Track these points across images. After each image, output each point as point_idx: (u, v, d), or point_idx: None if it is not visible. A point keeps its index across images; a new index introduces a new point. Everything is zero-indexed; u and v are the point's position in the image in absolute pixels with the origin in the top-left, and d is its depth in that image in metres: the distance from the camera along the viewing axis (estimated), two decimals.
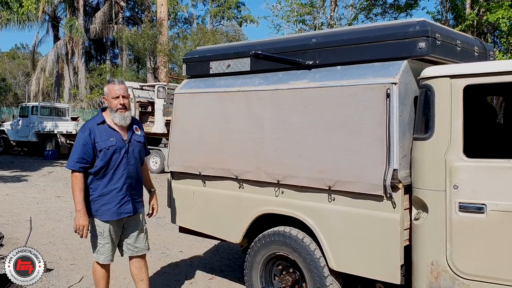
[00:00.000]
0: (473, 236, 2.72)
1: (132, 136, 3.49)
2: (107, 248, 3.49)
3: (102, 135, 3.37)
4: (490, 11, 12.55)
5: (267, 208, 3.56)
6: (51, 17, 32.46)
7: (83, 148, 3.33)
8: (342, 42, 3.27)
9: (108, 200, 3.41)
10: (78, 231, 3.35)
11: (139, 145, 3.54)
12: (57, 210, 8.30)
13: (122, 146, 3.41)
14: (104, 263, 3.54)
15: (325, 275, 3.26)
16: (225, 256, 5.56)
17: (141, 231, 3.62)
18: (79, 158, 3.33)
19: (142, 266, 3.67)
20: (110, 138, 3.37)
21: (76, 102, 29.83)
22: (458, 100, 2.81)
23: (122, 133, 3.44)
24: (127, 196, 3.46)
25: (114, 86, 3.40)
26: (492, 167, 2.70)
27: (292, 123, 3.40)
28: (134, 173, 3.50)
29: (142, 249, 3.64)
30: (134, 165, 3.49)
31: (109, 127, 3.41)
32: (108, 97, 3.40)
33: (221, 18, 38.80)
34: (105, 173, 3.39)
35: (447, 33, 3.13)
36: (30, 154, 20.27)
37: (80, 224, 3.33)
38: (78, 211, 3.33)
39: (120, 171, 3.42)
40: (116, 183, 3.41)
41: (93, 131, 3.36)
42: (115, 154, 3.38)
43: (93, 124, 3.40)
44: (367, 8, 18.99)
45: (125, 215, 3.47)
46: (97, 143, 3.34)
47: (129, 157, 3.45)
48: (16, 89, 43.73)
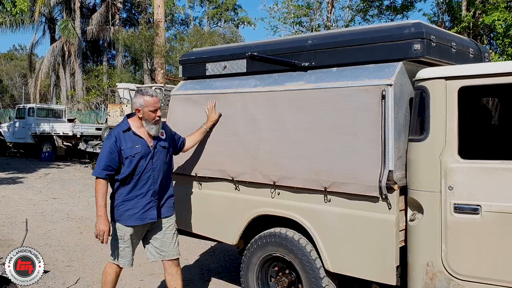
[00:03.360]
0: (468, 237, 2.73)
1: (157, 143, 3.47)
2: (126, 252, 3.49)
3: (128, 142, 3.37)
4: (486, 13, 12.61)
5: (263, 209, 3.56)
6: (47, 19, 32.41)
7: (109, 156, 3.33)
8: (338, 44, 3.28)
9: (132, 205, 3.40)
10: (98, 236, 3.34)
11: (165, 151, 3.52)
12: (53, 212, 8.28)
13: (147, 153, 3.40)
14: (124, 267, 3.54)
15: (321, 276, 3.26)
16: (222, 257, 5.56)
17: (167, 235, 3.57)
18: (105, 166, 3.33)
19: (174, 273, 3.60)
20: (135, 145, 3.37)
21: (73, 104, 29.79)
22: (453, 102, 2.82)
23: (148, 139, 3.44)
24: (151, 202, 3.44)
25: (151, 99, 3.37)
26: (487, 168, 2.71)
27: (288, 125, 3.40)
28: (160, 178, 3.48)
29: (170, 254, 3.57)
30: (159, 170, 3.47)
31: (134, 134, 3.41)
32: (144, 109, 3.37)
33: (218, 20, 38.82)
34: (131, 179, 3.39)
35: (442, 35, 3.14)
36: (27, 155, 20.22)
37: (101, 229, 3.32)
38: (99, 216, 3.33)
39: (145, 177, 3.40)
40: (140, 189, 3.41)
41: (118, 138, 3.37)
42: (140, 161, 3.37)
43: (119, 131, 3.41)
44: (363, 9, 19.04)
45: (148, 221, 3.45)
46: (123, 151, 3.34)
47: (155, 163, 3.43)
48: (13, 91, 43.65)
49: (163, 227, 3.56)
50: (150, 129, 3.40)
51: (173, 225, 3.63)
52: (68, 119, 20.65)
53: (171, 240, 3.59)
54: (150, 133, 3.41)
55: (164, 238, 3.56)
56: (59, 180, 12.61)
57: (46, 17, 32.24)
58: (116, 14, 32.62)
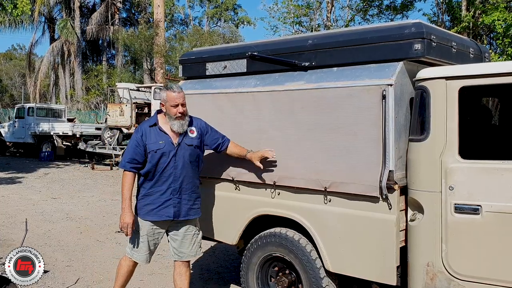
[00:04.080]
0: (468, 237, 2.73)
1: (183, 140, 3.45)
2: (141, 246, 3.49)
3: (152, 137, 3.40)
4: (486, 13, 12.62)
5: (263, 209, 3.56)
6: (47, 18, 32.39)
7: (135, 149, 3.38)
8: (338, 44, 3.27)
9: (151, 201, 3.42)
10: (123, 229, 3.36)
11: (190, 149, 3.47)
12: (53, 211, 8.28)
13: (170, 150, 3.40)
14: (137, 261, 3.55)
15: (321, 276, 3.26)
16: (222, 257, 5.56)
17: (186, 237, 3.55)
18: (130, 159, 3.38)
19: (183, 273, 3.60)
20: (159, 141, 3.38)
21: (72, 103, 29.79)
22: (454, 102, 2.82)
23: (173, 136, 3.43)
24: (170, 200, 3.43)
25: (173, 93, 3.37)
26: (488, 168, 2.71)
27: (288, 124, 3.40)
28: (182, 177, 3.45)
29: (188, 255, 3.57)
30: (182, 168, 3.44)
31: (160, 130, 3.42)
32: (167, 104, 3.39)
33: (218, 19, 38.82)
34: (153, 175, 3.41)
35: (442, 34, 3.14)
36: (26, 155, 20.21)
37: (125, 221, 3.35)
38: (124, 209, 3.35)
39: (166, 174, 3.40)
40: (161, 185, 3.42)
41: (145, 133, 3.40)
42: (162, 157, 3.38)
43: (146, 126, 3.44)
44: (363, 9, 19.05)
45: (165, 218, 3.43)
46: (147, 145, 3.37)
47: (178, 160, 3.42)
48: (12, 90, 43.63)
49: (184, 228, 3.54)
50: (172, 125, 3.41)
51: (194, 226, 3.59)
52: (68, 119, 20.65)
53: (190, 242, 3.56)
54: (173, 129, 3.41)
55: (184, 239, 3.55)
56: (58, 180, 12.61)
57: (45, 16, 32.23)
58: (116, 14, 32.61)
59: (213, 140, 3.60)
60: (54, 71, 32.43)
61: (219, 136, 3.62)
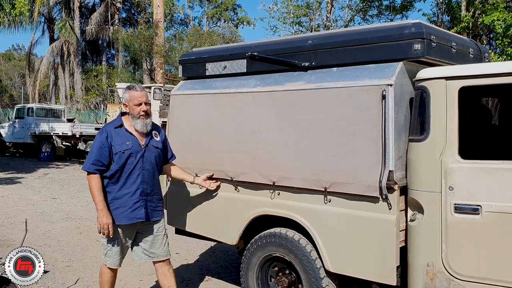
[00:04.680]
0: (468, 237, 2.73)
1: (150, 142, 3.46)
2: (114, 252, 3.48)
3: (119, 138, 3.36)
4: (486, 13, 12.63)
5: (263, 209, 3.56)
6: (46, 19, 32.37)
7: (99, 151, 3.33)
8: (338, 44, 3.27)
9: (121, 204, 3.39)
10: (102, 230, 3.33)
11: (156, 151, 3.50)
12: (53, 212, 8.27)
13: (138, 151, 3.39)
14: (111, 267, 3.53)
15: (321, 277, 3.26)
16: (221, 257, 5.56)
17: (157, 237, 3.56)
18: (95, 160, 3.33)
19: (166, 272, 3.61)
20: (126, 142, 3.36)
21: (72, 104, 29.77)
22: (454, 102, 2.82)
23: (140, 137, 3.42)
24: (140, 201, 3.42)
25: (136, 93, 3.38)
26: (487, 168, 2.71)
27: (288, 125, 3.39)
28: (150, 179, 3.46)
29: (159, 255, 3.57)
30: (149, 170, 3.45)
31: (126, 131, 3.40)
32: (130, 104, 3.38)
33: (218, 20, 38.81)
34: (120, 177, 3.38)
35: (442, 35, 3.14)
36: (26, 155, 20.19)
37: (104, 222, 3.31)
38: (100, 211, 3.31)
39: (135, 176, 3.39)
40: (129, 187, 3.40)
41: (110, 134, 3.36)
42: (130, 158, 3.36)
43: (111, 128, 3.41)
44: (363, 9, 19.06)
45: (136, 220, 3.42)
46: (113, 146, 3.34)
47: (145, 162, 3.42)
48: (12, 91, 43.63)
49: (154, 230, 3.55)
50: (136, 124, 3.38)
51: (163, 227, 3.62)
52: (67, 119, 20.63)
53: (161, 242, 3.58)
54: (136, 128, 3.39)
55: (155, 240, 3.56)
56: (58, 180, 12.60)
57: (45, 17, 32.20)
58: (116, 14, 32.61)
59: (167, 151, 3.70)
60: (53, 71, 32.42)
61: (170, 151, 3.75)
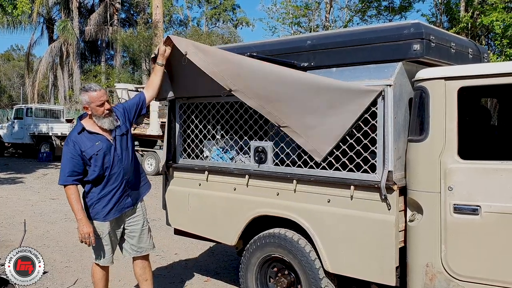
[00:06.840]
0: (467, 237, 2.73)
1: (115, 133, 3.45)
2: (106, 249, 3.49)
3: (87, 142, 3.33)
4: (484, 14, 12.65)
5: (262, 210, 3.55)
6: (45, 19, 32.34)
7: (71, 162, 3.31)
8: (337, 44, 3.27)
9: (108, 201, 3.41)
10: (84, 239, 3.33)
11: (124, 137, 3.50)
12: (52, 212, 8.26)
13: (109, 146, 3.39)
14: (104, 265, 3.54)
15: (320, 277, 3.26)
16: (221, 258, 5.55)
17: (143, 230, 3.63)
18: (70, 172, 3.31)
19: (146, 266, 3.71)
20: (95, 143, 3.34)
21: (71, 104, 29.74)
22: (453, 102, 2.82)
23: (106, 134, 3.41)
24: (126, 191, 3.48)
25: (95, 93, 3.33)
26: (487, 168, 2.71)
27: None
28: (129, 166, 3.49)
29: (147, 248, 3.66)
30: (126, 159, 3.47)
31: (90, 133, 3.37)
32: (92, 105, 3.33)
33: (217, 20, 38.81)
34: (102, 176, 3.38)
35: (441, 35, 3.14)
36: (25, 156, 20.17)
37: (85, 231, 3.31)
38: (79, 220, 3.31)
39: (116, 171, 3.40)
40: (114, 182, 3.41)
41: (76, 142, 3.33)
42: (106, 157, 3.36)
43: (75, 135, 3.36)
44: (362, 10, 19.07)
45: (126, 209, 3.50)
46: (84, 152, 3.31)
47: (119, 154, 3.43)
48: (11, 91, 43.60)
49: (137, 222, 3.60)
50: (103, 123, 3.36)
51: (146, 221, 3.68)
52: (66, 120, 20.61)
53: (147, 236, 3.67)
54: (104, 127, 3.37)
55: (142, 234, 3.63)
56: (57, 181, 12.57)
57: (44, 17, 32.17)
58: (115, 15, 32.59)
59: (133, 105, 3.62)
60: (52, 72, 32.36)
61: (135, 100, 3.66)
